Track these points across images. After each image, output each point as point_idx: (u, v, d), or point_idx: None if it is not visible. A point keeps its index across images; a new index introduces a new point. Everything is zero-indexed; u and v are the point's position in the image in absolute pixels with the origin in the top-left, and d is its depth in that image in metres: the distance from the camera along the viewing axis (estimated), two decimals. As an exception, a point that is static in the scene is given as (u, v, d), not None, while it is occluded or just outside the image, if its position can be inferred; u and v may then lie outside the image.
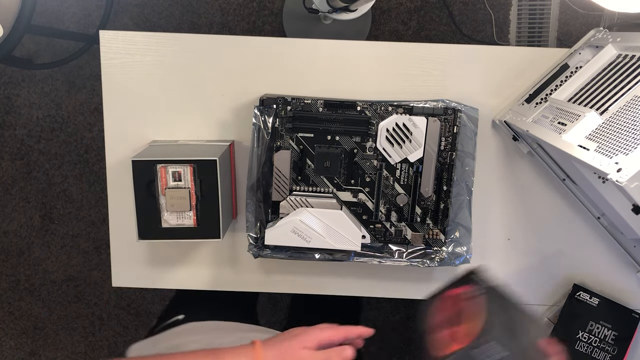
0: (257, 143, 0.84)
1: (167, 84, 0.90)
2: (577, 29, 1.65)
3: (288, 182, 0.87)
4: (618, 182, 0.58)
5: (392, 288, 0.95)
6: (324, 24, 1.62)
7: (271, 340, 0.65)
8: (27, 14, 1.16)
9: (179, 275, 0.95)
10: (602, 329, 0.91)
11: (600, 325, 0.91)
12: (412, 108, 0.84)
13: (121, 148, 0.91)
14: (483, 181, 0.92)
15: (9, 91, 1.70)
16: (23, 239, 1.79)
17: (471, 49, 0.89)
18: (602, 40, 0.81)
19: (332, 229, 0.83)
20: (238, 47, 0.89)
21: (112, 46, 0.89)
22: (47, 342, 1.86)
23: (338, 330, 0.67)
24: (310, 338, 0.65)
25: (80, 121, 1.72)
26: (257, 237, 0.87)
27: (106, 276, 1.80)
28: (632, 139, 0.61)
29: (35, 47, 1.69)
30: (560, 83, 0.83)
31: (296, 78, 0.90)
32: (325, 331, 0.66)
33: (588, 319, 0.91)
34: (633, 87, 0.68)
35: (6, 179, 1.75)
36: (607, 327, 0.91)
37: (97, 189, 1.75)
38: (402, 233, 0.88)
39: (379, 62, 0.89)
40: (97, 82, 1.69)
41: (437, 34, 1.67)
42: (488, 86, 0.90)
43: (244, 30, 1.67)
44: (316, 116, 0.85)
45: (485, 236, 0.93)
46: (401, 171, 0.86)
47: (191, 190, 0.80)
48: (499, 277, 0.95)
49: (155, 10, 1.66)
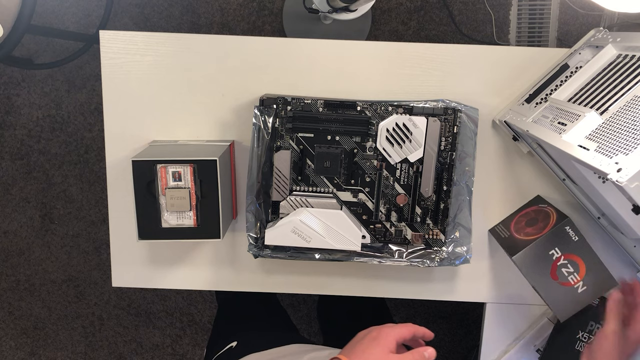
0: (257, 143, 0.84)
1: (167, 84, 0.90)
2: (577, 29, 1.65)
3: (288, 182, 0.87)
4: (618, 182, 0.58)
5: (392, 288, 0.95)
6: (324, 24, 1.62)
7: (353, 351, 0.64)
8: (27, 14, 1.16)
9: (179, 275, 0.95)
10: None
11: (600, 326, 0.91)
12: (412, 108, 0.84)
13: (121, 148, 0.91)
14: (483, 181, 0.92)
15: (9, 91, 1.70)
16: (23, 239, 1.79)
17: (471, 49, 0.89)
18: (602, 40, 0.81)
19: (332, 229, 0.83)
20: (238, 47, 0.89)
21: (112, 46, 0.89)
22: (47, 342, 1.86)
23: (407, 327, 0.67)
24: (389, 339, 0.64)
25: (80, 121, 1.72)
26: (257, 237, 0.87)
27: (106, 276, 1.80)
28: (632, 139, 0.61)
29: (35, 47, 1.69)
30: (560, 83, 0.83)
31: (296, 78, 0.90)
32: (397, 329, 0.66)
33: (588, 319, 0.91)
34: (633, 87, 0.68)
35: (6, 179, 1.75)
36: None
37: (97, 189, 1.75)
38: (402, 233, 0.88)
39: (379, 62, 0.89)
40: (97, 82, 1.69)
41: (437, 34, 1.67)
42: (488, 86, 0.90)
43: (244, 30, 1.67)
44: (316, 116, 0.85)
45: (485, 236, 0.93)
46: (401, 171, 0.86)
47: (191, 190, 0.80)
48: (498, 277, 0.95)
49: (155, 10, 1.66)
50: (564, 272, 0.81)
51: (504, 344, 0.96)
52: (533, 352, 0.94)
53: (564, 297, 0.81)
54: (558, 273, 0.81)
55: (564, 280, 0.81)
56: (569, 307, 0.81)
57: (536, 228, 0.83)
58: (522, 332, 0.96)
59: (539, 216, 0.86)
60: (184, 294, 1.80)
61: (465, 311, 1.77)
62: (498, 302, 0.95)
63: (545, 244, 0.81)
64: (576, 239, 0.81)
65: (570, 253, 0.81)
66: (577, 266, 0.81)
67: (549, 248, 0.81)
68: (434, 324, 1.79)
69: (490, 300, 0.95)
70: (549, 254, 0.81)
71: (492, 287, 0.95)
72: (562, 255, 0.81)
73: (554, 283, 0.81)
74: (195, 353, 1.86)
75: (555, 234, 0.81)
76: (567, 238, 0.81)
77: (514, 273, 0.94)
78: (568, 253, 0.81)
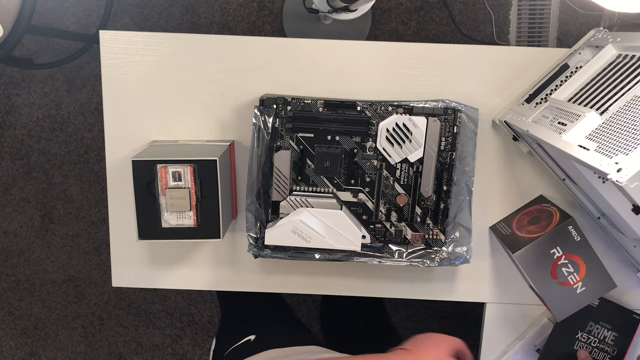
0: (257, 143, 0.84)
1: (167, 84, 0.90)
2: (577, 29, 1.65)
3: (288, 182, 0.87)
4: (618, 182, 0.58)
5: (392, 288, 0.95)
6: (324, 24, 1.62)
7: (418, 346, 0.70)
8: (27, 14, 1.16)
9: (179, 275, 0.95)
10: (601, 329, 0.91)
11: (600, 326, 0.91)
12: (412, 108, 0.84)
13: (121, 148, 0.91)
14: (483, 181, 0.92)
15: (9, 91, 1.70)
16: (23, 239, 1.79)
17: (471, 49, 0.89)
18: (602, 40, 0.81)
19: (332, 229, 0.83)
20: (238, 47, 0.89)
21: (112, 46, 0.89)
22: (47, 342, 1.86)
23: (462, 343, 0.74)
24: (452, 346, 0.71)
25: (80, 121, 1.72)
26: (257, 237, 0.87)
27: (106, 276, 1.80)
28: (632, 139, 0.61)
29: (35, 47, 1.69)
30: (560, 83, 0.83)
31: (296, 78, 0.90)
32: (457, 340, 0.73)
33: (588, 319, 0.91)
34: (633, 87, 0.68)
35: (6, 179, 1.75)
36: (607, 328, 0.91)
37: (97, 189, 1.75)
38: (402, 233, 0.88)
39: (379, 62, 0.89)
40: (97, 82, 1.69)
41: (437, 34, 1.67)
42: (488, 86, 0.90)
43: (244, 30, 1.67)
44: (316, 116, 0.85)
45: (485, 236, 0.93)
46: (401, 171, 0.86)
47: (191, 190, 0.80)
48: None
49: (155, 10, 1.66)
50: (564, 272, 0.81)
51: (504, 344, 0.96)
52: (533, 352, 0.94)
53: (563, 297, 0.81)
54: (558, 272, 0.81)
55: (563, 280, 0.81)
56: (568, 307, 0.81)
57: (539, 226, 0.83)
58: (522, 332, 0.96)
59: (542, 215, 0.86)
60: (184, 294, 1.80)
61: (465, 311, 1.77)
62: (498, 302, 0.95)
63: (547, 243, 0.81)
64: (578, 239, 0.81)
65: (571, 253, 0.81)
66: (577, 266, 0.81)
67: (551, 247, 0.81)
68: (434, 324, 1.79)
69: (490, 300, 0.95)
70: (550, 253, 0.81)
71: (492, 287, 0.95)
72: (563, 255, 0.81)
73: (553, 282, 0.81)
74: (195, 353, 1.86)
75: (558, 232, 0.81)
76: (569, 237, 0.81)
77: (514, 273, 0.94)
78: (569, 253, 0.81)
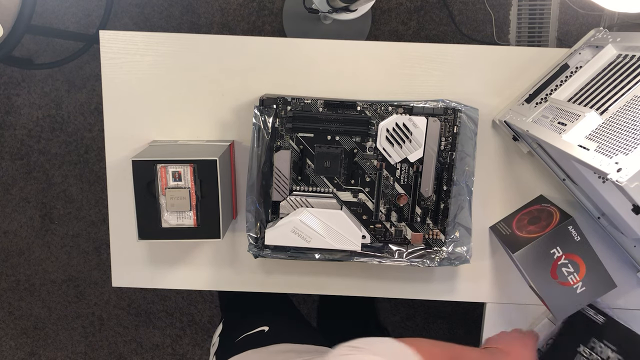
0: (257, 143, 0.84)
1: (167, 84, 0.90)
2: (577, 29, 1.65)
3: (288, 182, 0.87)
4: (618, 182, 0.58)
5: (392, 288, 0.95)
6: (324, 24, 1.62)
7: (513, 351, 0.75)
8: (27, 14, 1.16)
9: (179, 275, 0.95)
10: (605, 349, 0.88)
11: (603, 345, 0.88)
12: (412, 108, 0.84)
13: (121, 148, 0.91)
14: (483, 181, 0.92)
15: (9, 91, 1.70)
16: (23, 239, 1.79)
17: (471, 49, 0.89)
18: (602, 40, 0.81)
19: (332, 229, 0.83)
20: (238, 47, 0.89)
21: (112, 46, 0.89)
22: (47, 342, 1.86)
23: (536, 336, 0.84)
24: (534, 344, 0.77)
25: (80, 121, 1.72)
26: (257, 237, 0.87)
27: (106, 276, 1.80)
28: (632, 139, 0.61)
29: (35, 47, 1.69)
30: (560, 83, 0.83)
31: (296, 78, 0.90)
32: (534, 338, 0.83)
33: (591, 335, 0.89)
34: (633, 87, 0.68)
35: (6, 179, 1.75)
36: (611, 349, 0.88)
37: (97, 189, 1.75)
38: (402, 233, 0.88)
39: (379, 62, 0.89)
40: (97, 82, 1.69)
41: (437, 34, 1.67)
42: (488, 86, 0.90)
43: (244, 30, 1.67)
44: (316, 116, 0.85)
45: (485, 236, 0.93)
46: (401, 171, 0.86)
47: (191, 190, 0.80)
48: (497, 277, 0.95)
49: (155, 10, 1.66)
50: (564, 272, 0.81)
51: (504, 344, 0.96)
52: (533, 352, 0.94)
53: (563, 297, 0.81)
54: (558, 272, 0.81)
55: (563, 280, 0.81)
56: (567, 307, 0.81)
57: (539, 226, 0.83)
58: (522, 332, 0.96)
59: (542, 215, 0.86)
60: (184, 294, 1.80)
61: (465, 311, 1.77)
62: (498, 302, 0.95)
63: (547, 242, 0.81)
64: (578, 239, 0.81)
65: (571, 253, 0.81)
66: (577, 266, 0.81)
67: (551, 247, 0.81)
68: (434, 324, 1.79)
69: (490, 300, 0.95)
70: (550, 253, 0.81)
71: (492, 287, 0.95)
72: (563, 255, 0.81)
73: (553, 282, 0.81)
74: (195, 353, 1.86)
75: (558, 232, 0.81)
76: (569, 237, 0.81)
77: (514, 273, 0.94)
78: (569, 253, 0.81)
